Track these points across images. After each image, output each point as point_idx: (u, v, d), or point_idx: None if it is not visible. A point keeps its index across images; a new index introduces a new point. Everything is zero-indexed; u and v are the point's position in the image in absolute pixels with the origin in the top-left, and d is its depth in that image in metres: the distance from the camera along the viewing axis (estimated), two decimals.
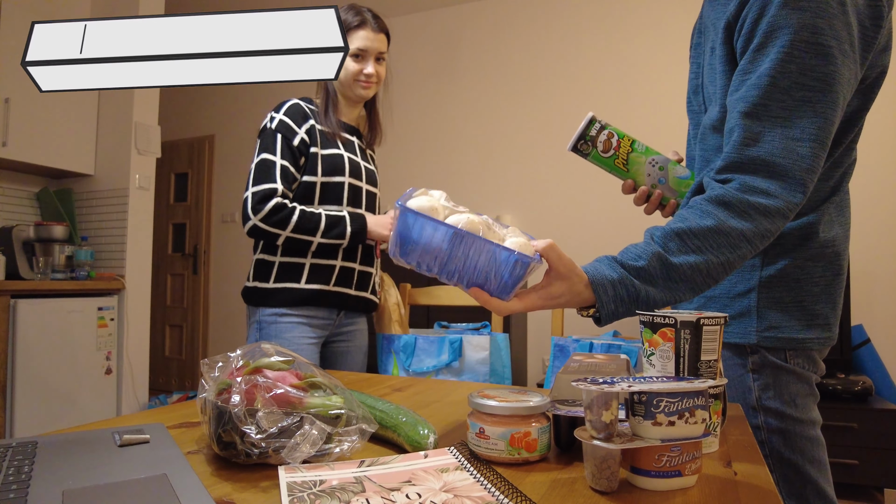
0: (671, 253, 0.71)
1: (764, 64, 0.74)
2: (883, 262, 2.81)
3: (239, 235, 4.63)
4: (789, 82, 0.72)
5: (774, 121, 0.72)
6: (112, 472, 0.53)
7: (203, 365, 0.64)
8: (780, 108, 0.72)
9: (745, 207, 0.71)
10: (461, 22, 3.92)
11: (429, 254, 0.66)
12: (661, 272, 0.71)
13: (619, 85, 3.42)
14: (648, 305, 0.72)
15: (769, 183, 0.72)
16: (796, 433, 0.84)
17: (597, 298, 0.71)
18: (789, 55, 0.72)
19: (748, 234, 0.71)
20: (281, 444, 0.54)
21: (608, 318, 0.73)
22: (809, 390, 0.87)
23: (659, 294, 0.72)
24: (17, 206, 3.14)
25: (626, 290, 0.71)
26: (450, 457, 0.58)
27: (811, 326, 0.84)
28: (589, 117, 0.93)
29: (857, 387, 2.40)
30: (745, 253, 0.72)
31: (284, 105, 1.43)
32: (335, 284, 1.44)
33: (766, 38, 0.74)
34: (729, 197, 0.72)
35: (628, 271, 0.72)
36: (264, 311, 1.42)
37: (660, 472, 0.51)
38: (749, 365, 0.86)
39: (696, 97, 0.98)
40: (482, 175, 3.77)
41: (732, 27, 0.80)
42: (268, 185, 1.35)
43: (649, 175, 0.93)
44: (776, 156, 0.71)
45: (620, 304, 0.71)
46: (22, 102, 2.82)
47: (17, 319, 2.52)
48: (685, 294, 0.73)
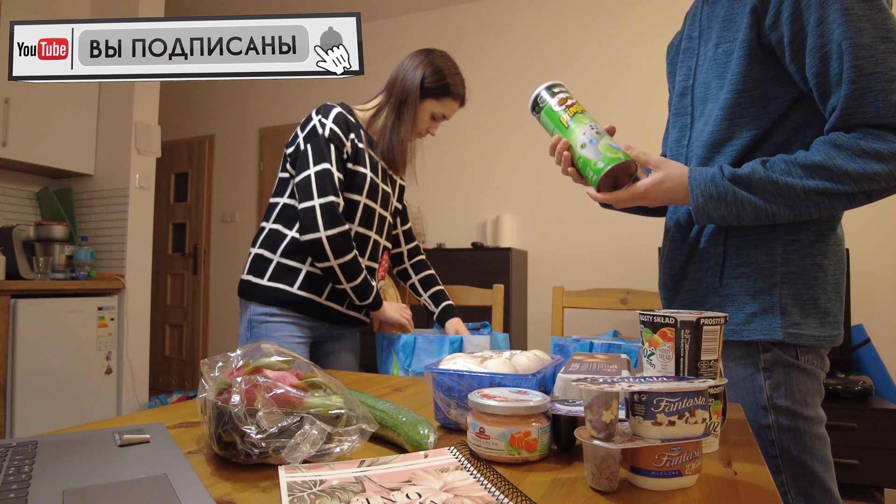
0: (774, 171, 0.78)
1: (835, 31, 0.75)
2: (883, 262, 2.81)
3: (239, 235, 4.63)
4: (869, 38, 0.74)
5: (871, 77, 0.74)
6: (112, 472, 0.53)
7: (203, 365, 0.64)
8: (871, 63, 0.74)
9: (856, 150, 0.75)
10: (461, 22, 3.92)
11: None
12: (758, 181, 0.79)
13: (620, 85, 3.42)
14: (739, 210, 0.80)
15: (885, 136, 0.74)
16: (806, 431, 0.85)
17: (689, 190, 0.83)
18: (855, 15, 0.74)
19: (853, 174, 0.75)
20: (281, 444, 0.54)
21: (699, 213, 0.83)
22: (818, 388, 0.88)
23: (751, 200, 0.79)
24: (17, 206, 3.14)
25: (715, 188, 0.80)
26: (450, 457, 0.58)
27: (825, 324, 0.86)
28: (557, 81, 0.99)
29: (857, 387, 2.40)
30: (849, 189, 0.76)
31: (332, 112, 1.39)
32: (327, 298, 1.43)
33: (824, 9, 0.76)
34: (841, 140, 0.76)
35: (724, 173, 0.80)
36: (255, 308, 1.41)
37: (660, 471, 0.51)
38: (761, 363, 0.86)
39: (682, 99, 1.00)
40: (482, 175, 3.77)
41: (761, 11, 0.82)
42: (334, 197, 1.33)
43: (584, 133, 0.92)
44: (884, 116, 0.74)
45: (709, 199, 0.80)
46: (22, 102, 2.82)
47: (17, 319, 2.52)
48: (781, 209, 0.79)
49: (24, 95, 2.83)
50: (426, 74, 1.43)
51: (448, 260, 3.29)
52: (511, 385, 0.69)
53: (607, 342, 1.49)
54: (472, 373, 0.71)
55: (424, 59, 1.44)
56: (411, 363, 1.54)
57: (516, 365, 0.77)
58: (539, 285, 3.54)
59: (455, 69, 1.47)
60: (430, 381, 0.72)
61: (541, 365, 0.78)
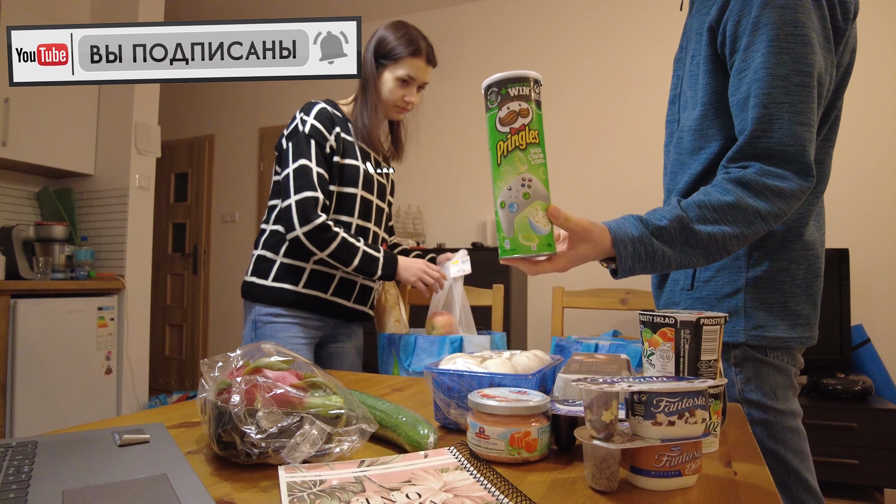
0: (692, 220, 0.78)
1: (757, 58, 0.79)
2: (883, 262, 2.81)
3: (239, 235, 4.63)
4: (786, 70, 0.77)
5: (780, 107, 0.77)
6: (112, 472, 0.53)
7: (203, 365, 0.64)
8: (783, 93, 0.77)
9: (762, 188, 0.77)
10: (461, 22, 3.92)
11: None
12: (680, 235, 0.78)
13: (619, 85, 3.43)
14: (663, 266, 0.79)
15: (782, 169, 0.78)
16: (778, 424, 0.88)
17: (616, 254, 0.78)
18: (779, 47, 0.78)
19: (763, 213, 0.77)
20: (281, 444, 0.54)
21: (624, 273, 0.80)
22: (789, 382, 0.91)
23: (675, 256, 0.78)
24: (17, 205, 3.14)
25: (644, 249, 0.77)
26: (450, 457, 0.58)
27: (794, 326, 0.89)
28: (526, 75, 0.72)
29: (857, 387, 2.40)
30: (759, 229, 0.78)
31: (314, 108, 1.40)
32: (333, 294, 1.43)
33: (753, 36, 0.80)
34: (747, 178, 0.78)
35: (650, 231, 0.78)
36: (260, 309, 1.41)
37: (660, 471, 0.51)
38: (731, 359, 0.90)
39: (672, 107, 1.03)
40: (482, 175, 3.77)
41: (715, 30, 0.86)
42: (310, 192, 1.32)
43: (509, 189, 0.74)
44: (787, 144, 0.77)
45: (638, 261, 0.78)
46: (22, 102, 2.82)
47: (17, 319, 2.52)
48: (699, 260, 0.80)
49: (24, 96, 2.83)
50: (375, 46, 1.44)
51: None
52: (511, 385, 0.69)
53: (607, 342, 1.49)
54: (472, 373, 0.71)
55: (373, 34, 1.46)
56: (411, 363, 1.54)
57: (516, 365, 0.77)
58: (539, 285, 3.54)
59: (403, 29, 1.45)
60: (430, 381, 0.72)
61: (541, 365, 0.78)
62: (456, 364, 0.75)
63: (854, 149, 2.84)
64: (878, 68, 2.82)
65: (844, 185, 2.83)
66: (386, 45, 1.43)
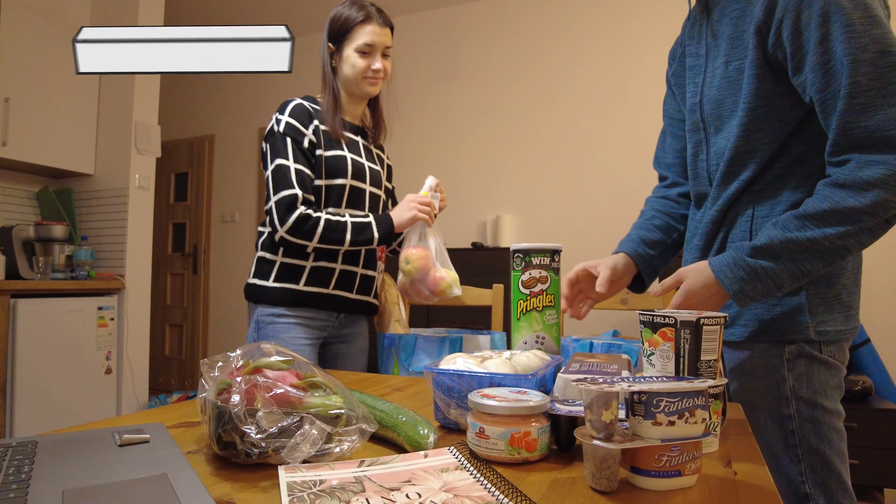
0: (790, 230, 0.80)
1: (837, 48, 0.77)
2: (883, 262, 2.81)
3: (239, 235, 4.63)
4: (869, 54, 0.76)
5: (871, 93, 0.76)
6: (112, 472, 0.53)
7: (203, 365, 0.64)
8: (871, 79, 0.76)
9: (861, 184, 0.76)
10: (461, 22, 3.92)
11: None
12: (779, 246, 0.80)
13: (619, 85, 3.42)
14: (775, 278, 0.81)
15: (885, 155, 0.76)
16: (825, 423, 0.87)
17: (720, 282, 0.84)
18: (856, 31, 0.76)
19: (865, 209, 0.76)
20: (281, 444, 0.54)
21: (737, 297, 0.83)
22: (838, 382, 0.90)
23: (780, 267, 0.81)
24: (17, 205, 3.14)
25: (743, 270, 0.82)
26: (450, 456, 0.58)
27: (847, 318, 0.89)
28: (548, 247, 0.89)
29: (857, 387, 2.39)
30: (868, 224, 0.77)
31: (288, 106, 1.41)
32: (335, 287, 1.43)
33: (825, 28, 0.78)
34: (843, 178, 0.78)
35: (743, 251, 0.82)
36: (262, 309, 1.41)
37: (660, 471, 0.51)
38: (785, 355, 0.89)
39: (692, 115, 1.02)
40: (482, 175, 3.77)
41: (764, 31, 0.85)
42: (286, 191, 1.33)
43: (525, 343, 0.89)
44: (885, 129, 0.75)
45: (742, 282, 0.82)
46: (22, 102, 2.82)
47: (17, 319, 2.52)
48: (814, 263, 0.80)
49: (24, 95, 2.83)
50: (328, 29, 1.43)
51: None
52: (511, 385, 0.69)
53: (607, 342, 1.49)
54: (472, 373, 0.71)
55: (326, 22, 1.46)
56: (411, 363, 1.54)
57: (516, 365, 0.77)
58: None
59: (348, 2, 1.43)
60: (430, 381, 0.72)
61: (541, 365, 0.78)
62: (456, 364, 0.75)
63: None
64: None
65: None
66: (336, 22, 1.43)
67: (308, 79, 1.80)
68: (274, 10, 4.07)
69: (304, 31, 4.32)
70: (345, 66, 1.43)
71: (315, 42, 1.52)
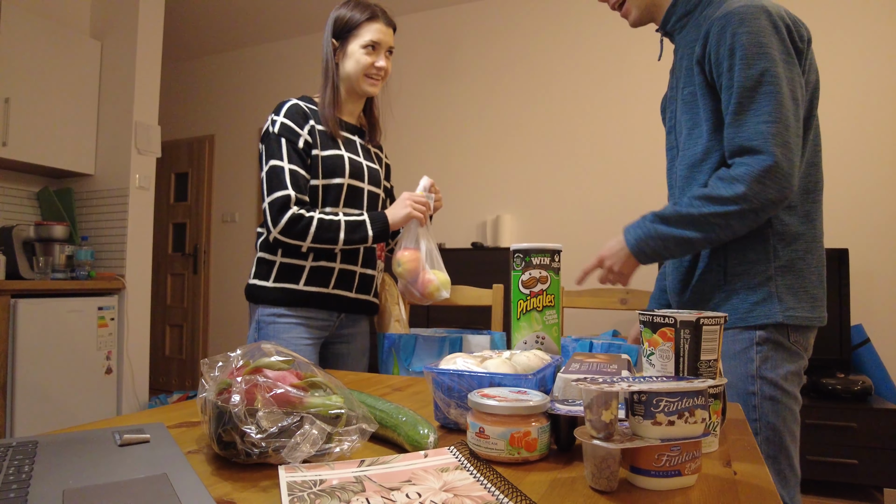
0: (682, 206, 1.03)
1: (735, 76, 0.99)
2: (883, 262, 2.81)
3: (239, 235, 4.63)
4: (753, 82, 0.97)
5: (746, 113, 0.98)
6: (112, 472, 0.53)
7: (203, 365, 0.64)
8: (749, 101, 0.98)
9: (729, 179, 0.98)
10: (461, 22, 3.92)
11: None
12: (674, 215, 1.03)
13: (619, 85, 3.42)
14: (665, 239, 1.04)
15: (749, 157, 0.97)
16: (783, 403, 1.01)
17: (624, 238, 1.09)
18: (747, 64, 0.97)
19: (730, 197, 0.97)
20: (281, 444, 0.54)
21: (635, 252, 1.08)
22: (798, 371, 1.04)
23: (670, 231, 1.03)
24: (18, 205, 3.14)
25: (641, 230, 1.06)
26: (450, 456, 0.58)
27: (814, 307, 1.04)
28: (548, 247, 0.91)
29: (856, 387, 2.40)
30: (732, 209, 0.98)
31: (284, 106, 1.41)
32: (334, 287, 1.43)
33: (731, 59, 1.00)
34: (722, 174, 1.01)
35: (648, 217, 1.06)
36: (263, 310, 1.41)
37: (660, 471, 0.51)
38: (755, 338, 1.03)
39: (669, 136, 1.21)
40: (482, 175, 3.77)
41: (702, 62, 1.05)
42: (279, 192, 1.33)
43: (525, 343, 0.92)
44: (750, 140, 0.97)
45: (639, 240, 1.06)
46: (22, 102, 2.82)
47: (17, 319, 2.52)
48: (694, 233, 1.01)
49: (24, 95, 2.83)
50: (332, 26, 1.44)
51: (448, 260, 3.27)
52: (511, 385, 0.69)
53: (607, 342, 1.49)
54: (472, 373, 0.71)
55: (328, 21, 1.46)
56: (411, 363, 1.54)
57: (516, 365, 0.77)
58: None
59: (353, 2, 1.44)
60: (430, 381, 0.72)
61: (541, 365, 0.78)
62: (456, 364, 0.76)
63: (853, 150, 2.84)
64: (877, 70, 2.82)
65: (843, 186, 2.83)
66: (341, 20, 1.43)
67: (308, 79, 1.80)
68: (274, 10, 4.06)
69: (304, 31, 4.33)
70: (348, 62, 1.43)
71: (315, 42, 1.52)
